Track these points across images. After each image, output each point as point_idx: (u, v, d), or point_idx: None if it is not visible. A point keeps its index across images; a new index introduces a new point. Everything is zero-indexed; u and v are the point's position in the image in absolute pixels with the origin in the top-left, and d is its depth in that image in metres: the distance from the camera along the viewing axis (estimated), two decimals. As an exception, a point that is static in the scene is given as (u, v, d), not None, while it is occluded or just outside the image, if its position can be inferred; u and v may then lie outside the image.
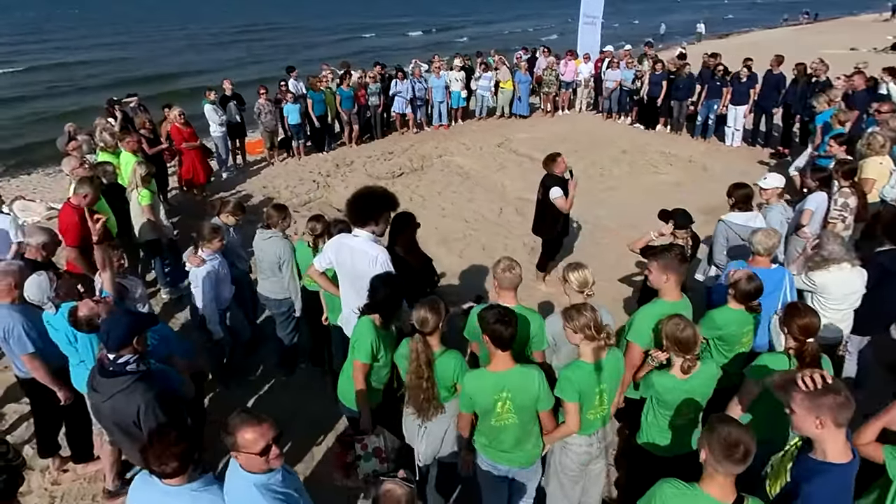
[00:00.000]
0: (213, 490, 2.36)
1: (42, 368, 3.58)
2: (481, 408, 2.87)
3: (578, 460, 3.12)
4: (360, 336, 3.16)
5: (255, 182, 10.09)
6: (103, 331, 2.71)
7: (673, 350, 2.97)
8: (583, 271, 3.39)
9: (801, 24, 39.89)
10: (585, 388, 2.89)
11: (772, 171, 9.50)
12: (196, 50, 35.25)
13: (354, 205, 3.57)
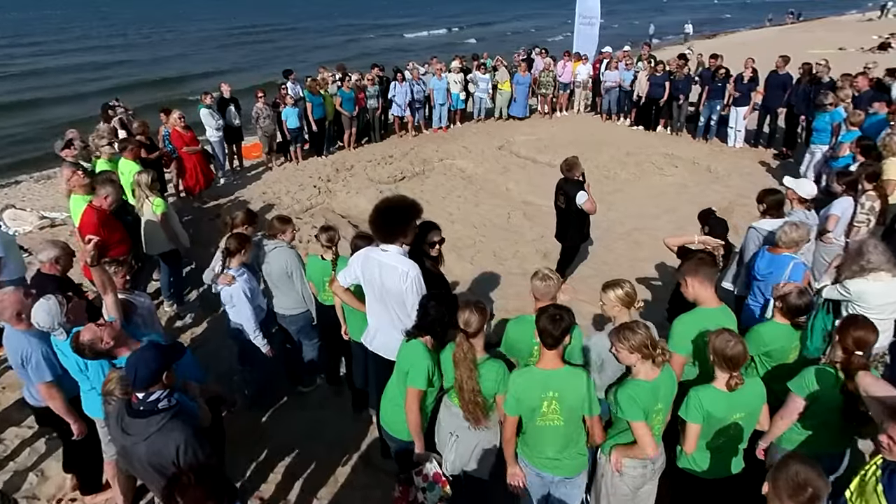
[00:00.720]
0: None
1: (59, 398, 3.37)
2: (527, 407, 2.80)
3: (633, 484, 2.99)
4: (416, 362, 2.96)
5: (254, 188, 9.84)
6: (129, 368, 2.50)
7: (720, 366, 2.83)
8: (623, 287, 3.25)
9: (786, 24, 40.30)
10: (646, 407, 2.75)
11: (774, 171, 9.54)
12: (189, 53, 34.74)
13: (380, 221, 3.36)
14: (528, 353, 3.33)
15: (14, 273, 5.32)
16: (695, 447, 2.88)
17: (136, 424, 2.50)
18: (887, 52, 21.94)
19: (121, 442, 2.58)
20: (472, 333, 2.90)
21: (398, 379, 3.10)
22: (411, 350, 3.01)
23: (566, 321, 2.72)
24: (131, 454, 2.55)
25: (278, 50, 34.63)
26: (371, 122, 12.07)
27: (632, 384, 2.77)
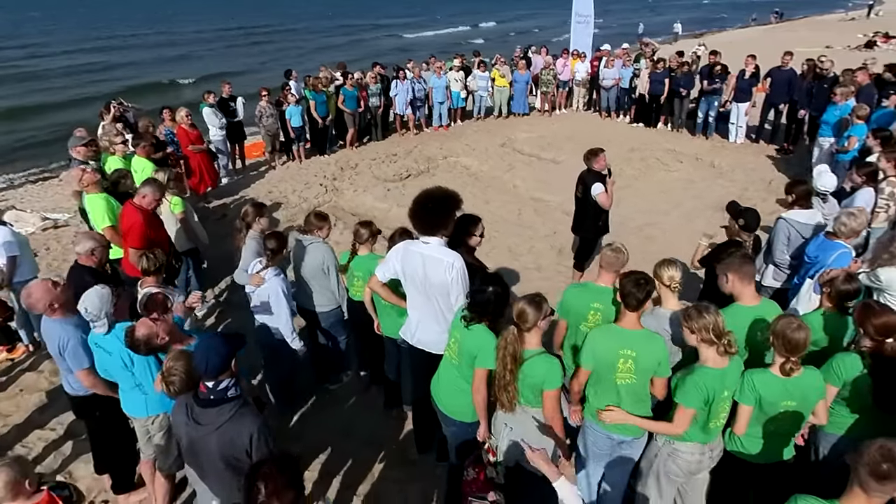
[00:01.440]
0: None
1: (99, 382, 3.36)
2: (603, 362, 2.94)
3: (687, 468, 3.00)
4: (484, 344, 2.95)
5: (259, 187, 9.74)
6: (199, 357, 2.45)
7: (778, 350, 2.82)
8: (675, 269, 3.35)
9: (771, 24, 40.88)
10: (713, 395, 2.76)
11: (777, 166, 9.66)
12: (187, 55, 34.21)
13: (422, 213, 3.34)
14: (583, 317, 3.51)
15: (27, 273, 5.24)
16: (745, 429, 2.89)
17: (208, 414, 2.47)
18: (873, 49, 22.33)
19: (189, 436, 2.52)
20: (526, 328, 2.85)
21: (463, 363, 3.08)
22: (477, 333, 2.99)
23: (650, 286, 2.91)
24: (200, 447, 2.50)
25: (279, 52, 34.18)
26: (373, 120, 12.02)
27: (699, 371, 2.78)
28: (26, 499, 2.28)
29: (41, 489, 2.33)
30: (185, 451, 2.62)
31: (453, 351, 3.14)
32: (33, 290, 3.29)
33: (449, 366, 3.21)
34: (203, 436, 2.47)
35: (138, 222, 4.67)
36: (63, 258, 7.33)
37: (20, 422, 4.61)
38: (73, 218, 8.71)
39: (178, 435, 2.62)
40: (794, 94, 9.85)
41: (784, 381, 2.80)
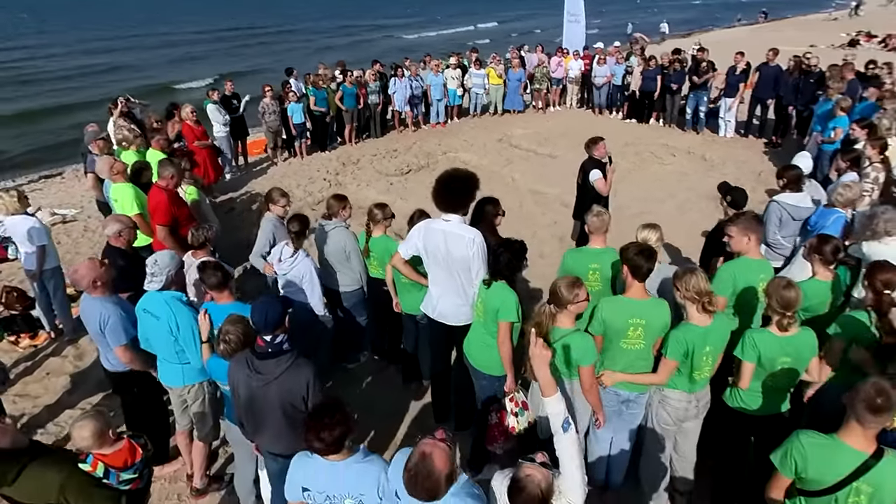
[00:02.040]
0: (376, 460, 2.43)
1: (137, 359, 3.55)
2: (613, 330, 3.18)
3: (675, 415, 3.31)
4: (505, 298, 3.25)
5: (263, 182, 9.91)
6: (259, 313, 2.68)
7: (774, 309, 3.07)
8: (658, 231, 3.84)
9: (758, 24, 41.58)
10: (694, 349, 3.07)
11: (767, 159, 10.00)
12: (188, 56, 34.01)
13: (445, 191, 3.55)
14: (584, 277, 3.68)
15: (53, 262, 5.43)
16: (748, 384, 3.15)
17: (267, 365, 2.69)
18: (856, 48, 22.88)
19: (249, 388, 2.74)
20: (560, 306, 3.01)
21: (487, 319, 3.34)
22: (497, 290, 3.28)
23: (654, 257, 3.12)
24: (260, 398, 2.72)
25: (283, 53, 33.89)
26: (372, 117, 12.23)
27: (683, 327, 3.11)
28: (110, 446, 2.51)
29: (121, 438, 2.55)
30: (243, 405, 2.82)
31: (480, 310, 3.41)
32: (80, 267, 3.49)
33: (478, 324, 3.48)
34: (263, 385, 2.70)
35: (163, 200, 4.91)
36: (75, 251, 7.48)
37: (51, 403, 4.79)
38: (80, 213, 8.86)
39: (236, 389, 2.82)
40: (781, 89, 10.21)
41: (780, 339, 3.07)
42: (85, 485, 2.39)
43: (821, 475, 2.33)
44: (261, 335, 2.71)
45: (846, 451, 2.30)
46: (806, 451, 2.35)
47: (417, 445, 2.11)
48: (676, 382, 3.23)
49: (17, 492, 2.37)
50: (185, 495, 3.92)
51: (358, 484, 2.35)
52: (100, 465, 2.44)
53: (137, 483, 2.57)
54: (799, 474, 2.39)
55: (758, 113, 11.04)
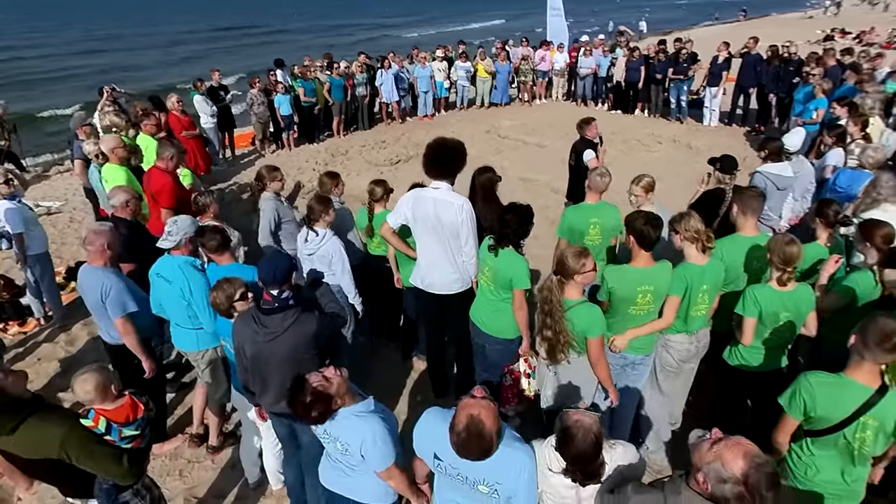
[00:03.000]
0: (376, 421, 2.37)
1: (133, 333, 3.52)
2: (621, 297, 3.20)
3: (678, 356, 3.45)
4: (517, 267, 3.27)
5: (251, 173, 9.77)
6: (266, 269, 2.69)
7: (776, 265, 3.14)
8: (647, 178, 4.09)
9: (739, 21, 42.39)
10: (692, 285, 3.22)
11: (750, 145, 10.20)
12: (176, 55, 33.57)
13: (435, 156, 3.58)
14: (584, 233, 4.06)
15: (39, 248, 5.33)
16: (751, 340, 3.22)
17: (273, 320, 2.69)
18: (831, 43, 23.39)
19: (256, 343, 2.74)
20: (566, 276, 2.99)
21: (497, 287, 3.35)
22: (507, 258, 3.27)
23: (661, 227, 3.16)
24: (267, 353, 2.72)
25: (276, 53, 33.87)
26: (360, 109, 12.20)
27: (683, 266, 3.26)
28: (112, 401, 2.48)
29: (123, 395, 2.52)
30: (249, 363, 2.81)
31: (488, 279, 3.42)
32: (99, 230, 3.50)
33: (486, 292, 3.49)
34: (270, 341, 2.69)
35: (168, 183, 4.83)
36: (62, 241, 7.36)
37: (42, 387, 4.70)
38: (64, 205, 8.72)
39: (242, 347, 2.80)
40: (762, 78, 10.43)
41: (781, 294, 3.14)
42: (86, 440, 2.37)
43: (829, 412, 2.38)
44: (268, 290, 2.71)
45: (854, 386, 2.36)
46: (814, 389, 2.40)
47: (460, 408, 2.06)
48: (676, 326, 3.38)
49: (17, 445, 2.34)
50: (187, 471, 3.89)
51: (347, 435, 2.34)
52: (101, 421, 2.42)
53: (139, 442, 2.55)
54: (808, 413, 2.43)
55: (740, 102, 11.25)
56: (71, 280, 6.31)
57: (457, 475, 2.22)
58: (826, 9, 42.22)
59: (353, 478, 2.48)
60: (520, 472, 2.15)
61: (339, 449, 2.39)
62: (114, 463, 2.40)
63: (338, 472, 2.52)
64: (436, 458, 2.25)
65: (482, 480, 2.17)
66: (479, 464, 2.10)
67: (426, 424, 2.31)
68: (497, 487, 2.16)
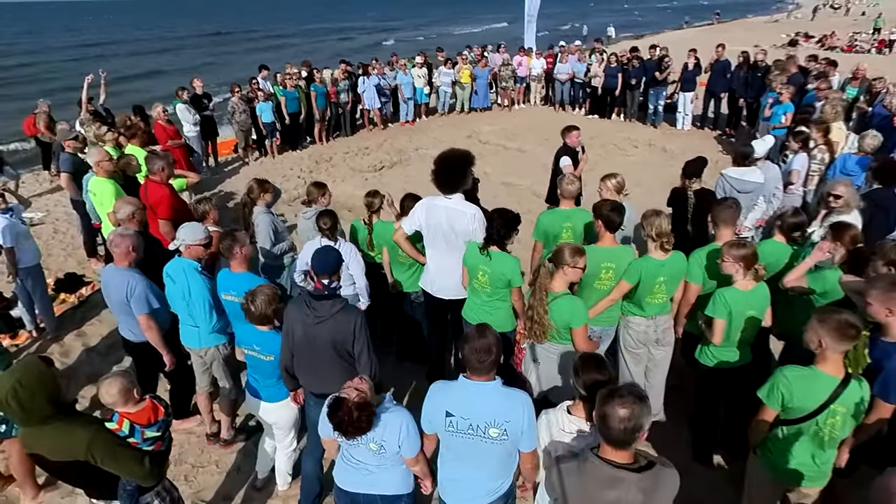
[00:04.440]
0: (403, 412, 2.56)
1: (156, 329, 3.71)
2: (588, 273, 3.52)
3: (637, 338, 3.82)
4: (514, 267, 3.56)
5: (236, 181, 9.89)
6: (320, 260, 2.98)
7: (737, 266, 3.39)
8: (618, 177, 4.41)
9: (712, 24, 43.68)
10: (646, 277, 3.61)
11: (722, 148, 10.62)
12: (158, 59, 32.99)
13: (442, 175, 3.76)
14: (558, 236, 4.32)
15: (32, 260, 5.36)
16: (720, 340, 3.47)
17: (323, 305, 2.97)
18: (795, 47, 24.29)
19: (305, 325, 3.00)
20: (559, 265, 3.24)
21: (495, 287, 3.62)
22: (502, 260, 3.54)
23: (624, 213, 3.63)
24: (314, 335, 3.00)
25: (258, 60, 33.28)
26: (342, 116, 12.32)
27: (644, 258, 3.65)
28: (135, 404, 2.62)
29: (144, 398, 2.65)
30: (296, 345, 3.07)
31: (483, 282, 3.61)
32: (118, 233, 3.69)
33: (480, 294, 3.70)
34: (317, 323, 2.98)
35: (166, 195, 4.92)
36: (47, 253, 7.31)
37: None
38: (47, 216, 8.65)
39: (291, 330, 3.06)
40: (733, 83, 10.87)
41: (746, 294, 3.41)
42: (111, 443, 2.48)
43: (804, 402, 2.62)
44: (319, 279, 2.97)
45: (823, 378, 2.60)
46: (791, 382, 2.63)
47: (468, 331, 2.43)
48: (633, 310, 3.81)
49: (47, 447, 2.44)
50: (192, 476, 3.99)
51: (381, 430, 2.47)
52: (125, 423, 2.54)
53: (160, 444, 2.68)
54: (785, 405, 2.66)
55: (711, 107, 11.70)
56: (60, 291, 6.32)
57: (468, 428, 2.40)
58: (789, 13, 43.69)
59: (377, 474, 2.60)
60: (524, 408, 2.40)
61: (374, 449, 2.51)
62: (137, 464, 2.53)
63: (359, 472, 2.62)
64: (448, 415, 2.43)
65: (493, 422, 2.37)
66: (488, 406, 2.37)
67: (435, 392, 2.53)
68: (506, 427, 2.37)
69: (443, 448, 2.61)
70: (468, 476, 2.57)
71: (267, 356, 3.22)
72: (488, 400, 2.40)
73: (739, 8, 55.18)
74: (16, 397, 2.32)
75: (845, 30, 27.68)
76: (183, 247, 3.65)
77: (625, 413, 1.90)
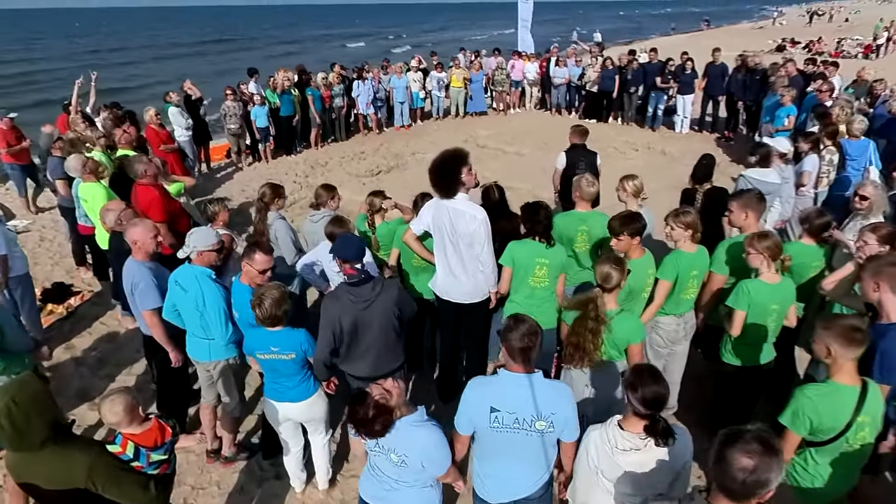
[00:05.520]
0: (431, 428, 2.40)
1: (160, 326, 3.55)
2: (566, 237, 3.93)
3: (667, 337, 3.71)
4: (565, 254, 3.77)
5: (230, 187, 9.65)
6: (346, 248, 3.00)
7: (762, 258, 3.27)
8: (638, 180, 4.32)
9: (702, 30, 44.27)
10: (682, 272, 3.55)
11: (722, 151, 10.58)
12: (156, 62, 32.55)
13: (438, 179, 3.60)
14: (573, 240, 4.24)
15: (21, 269, 5.12)
16: (739, 331, 3.34)
17: (364, 289, 3.03)
18: (782, 52, 24.55)
19: (354, 314, 3.04)
20: (609, 288, 3.04)
21: (551, 277, 3.70)
22: (559, 251, 3.70)
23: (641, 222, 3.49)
24: (365, 321, 3.06)
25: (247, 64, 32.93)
26: (337, 120, 12.12)
27: (675, 253, 3.60)
28: (139, 424, 2.41)
29: (149, 418, 2.45)
30: (348, 332, 3.07)
31: (541, 275, 3.69)
32: (136, 226, 3.57)
33: (539, 290, 3.74)
34: (366, 308, 3.03)
35: (156, 197, 4.72)
36: (34, 262, 7.00)
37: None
38: (32, 224, 8.34)
39: (339, 321, 3.04)
40: (731, 86, 10.85)
41: (771, 287, 3.29)
42: (113, 468, 2.26)
43: (833, 421, 2.39)
44: (352, 265, 2.99)
45: (845, 391, 2.39)
46: (816, 403, 2.38)
47: (509, 322, 2.45)
48: (666, 308, 3.70)
49: (41, 475, 2.20)
50: (192, 498, 3.75)
51: (405, 444, 2.34)
52: (129, 445, 2.33)
53: (165, 467, 2.47)
54: (814, 429, 2.42)
55: (709, 110, 11.67)
56: (48, 302, 6.04)
57: (513, 422, 2.37)
58: (774, 20, 44.39)
59: (399, 492, 2.48)
60: (569, 399, 2.43)
61: (394, 461, 2.38)
62: (141, 490, 2.30)
63: (382, 486, 2.51)
64: (492, 410, 2.38)
65: (540, 415, 2.36)
66: (536, 398, 2.35)
67: (475, 388, 2.48)
68: (552, 419, 2.37)
69: (481, 444, 2.54)
70: (509, 470, 2.53)
71: (288, 355, 3.07)
72: (533, 392, 2.37)
73: (727, 15, 55.99)
74: (9, 417, 2.07)
75: (830, 36, 28.10)
76: (195, 254, 3.41)
77: (747, 464, 1.61)
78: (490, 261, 3.70)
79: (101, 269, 6.21)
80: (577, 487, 2.48)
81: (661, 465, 2.23)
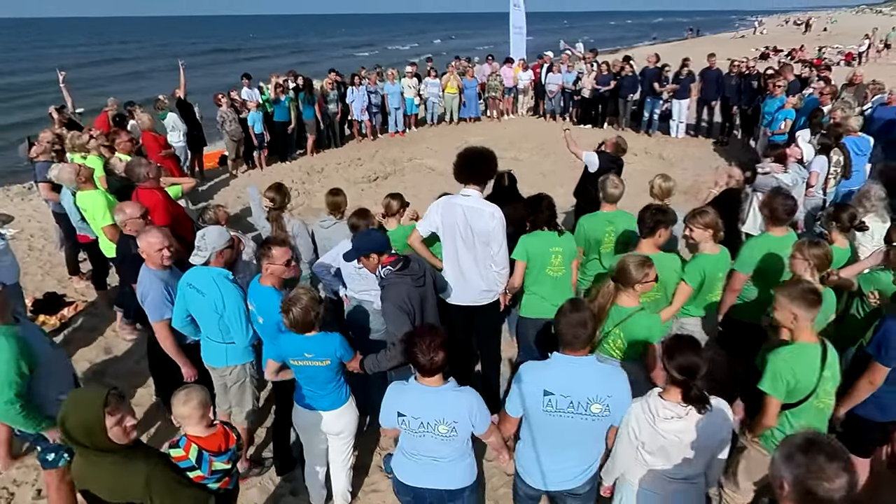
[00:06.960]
0: (469, 390, 2.48)
1: (170, 339, 3.41)
2: (593, 239, 4.00)
3: None
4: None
5: (226, 193, 9.45)
6: (375, 241, 3.09)
7: (806, 265, 3.13)
8: (672, 182, 4.41)
9: (685, 39, 45.08)
10: (709, 275, 3.51)
11: (719, 155, 10.65)
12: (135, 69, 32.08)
13: (469, 163, 3.57)
14: (600, 241, 4.16)
15: (11, 278, 4.85)
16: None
17: (412, 268, 3.16)
18: (767, 60, 25.02)
19: (417, 295, 3.13)
20: (625, 285, 2.99)
21: (566, 264, 3.71)
22: (569, 238, 3.72)
23: (671, 215, 3.48)
24: (424, 296, 3.22)
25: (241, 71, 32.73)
26: (331, 127, 11.98)
27: (699, 256, 3.55)
28: (207, 426, 2.36)
29: (215, 423, 2.41)
30: (416, 310, 3.12)
31: (557, 264, 3.68)
32: (150, 233, 3.39)
33: (557, 280, 3.73)
34: (421, 285, 3.18)
35: (160, 200, 4.56)
36: (23, 271, 6.71)
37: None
38: (20, 233, 8.05)
39: (407, 304, 3.06)
40: (726, 91, 10.95)
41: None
42: (172, 480, 2.11)
43: (807, 379, 2.51)
44: (387, 255, 3.09)
45: (810, 349, 2.54)
46: (792, 364, 2.50)
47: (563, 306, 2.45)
48: (691, 311, 3.69)
49: (103, 484, 2.03)
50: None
51: (453, 410, 2.40)
52: (193, 449, 2.24)
53: (227, 482, 2.36)
54: (790, 388, 2.53)
55: (704, 115, 11.76)
56: (39, 313, 5.79)
57: (567, 406, 2.33)
58: (756, 29, 45.38)
59: (441, 466, 2.51)
60: (625, 382, 2.40)
61: (443, 432, 2.41)
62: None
63: (423, 466, 2.54)
64: (546, 394, 2.34)
65: (595, 398, 2.33)
66: (590, 381, 2.34)
67: (528, 371, 2.45)
68: (609, 401, 2.34)
69: (531, 429, 2.49)
70: (558, 456, 2.49)
71: (323, 361, 2.90)
72: (589, 375, 2.36)
73: (710, 25, 57.19)
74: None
75: (811, 44, 28.71)
76: (214, 255, 3.25)
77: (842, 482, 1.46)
78: (504, 261, 3.59)
79: (99, 278, 5.97)
80: (616, 463, 2.51)
81: (701, 434, 2.27)
